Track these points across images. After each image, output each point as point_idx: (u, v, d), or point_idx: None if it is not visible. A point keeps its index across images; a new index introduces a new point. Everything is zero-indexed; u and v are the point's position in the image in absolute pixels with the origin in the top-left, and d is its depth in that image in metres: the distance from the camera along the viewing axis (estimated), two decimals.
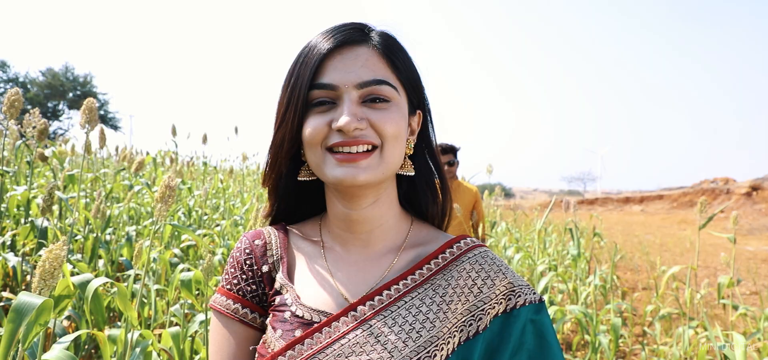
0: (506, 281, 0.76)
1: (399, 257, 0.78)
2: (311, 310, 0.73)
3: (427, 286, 0.74)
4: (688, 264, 3.08)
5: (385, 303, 0.72)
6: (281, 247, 0.81)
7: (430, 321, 0.71)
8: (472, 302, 0.74)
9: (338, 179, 0.70)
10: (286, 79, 0.74)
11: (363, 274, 0.77)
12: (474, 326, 0.72)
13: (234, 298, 0.79)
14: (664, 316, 3.24)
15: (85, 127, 2.08)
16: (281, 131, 0.73)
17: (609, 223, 20.17)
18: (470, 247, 0.79)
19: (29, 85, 36.05)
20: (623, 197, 33.05)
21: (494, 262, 0.78)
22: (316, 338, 0.69)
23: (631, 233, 16.25)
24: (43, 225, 2.24)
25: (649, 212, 26.39)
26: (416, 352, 0.69)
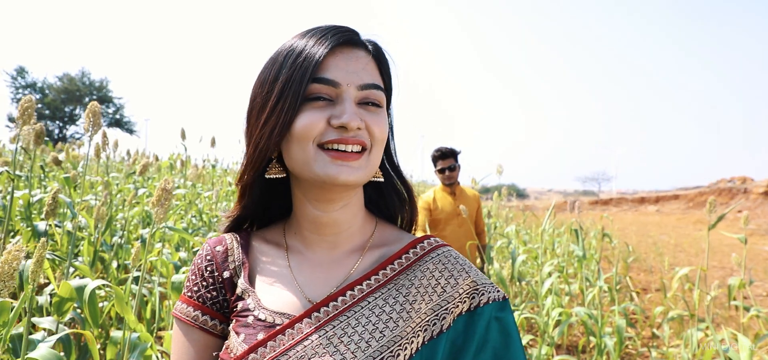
0: (470, 280, 0.76)
1: (363, 258, 0.78)
2: (274, 313, 0.73)
3: (390, 286, 0.74)
4: (693, 264, 3.03)
5: (348, 303, 0.72)
6: (243, 252, 0.81)
7: (393, 321, 0.71)
8: (436, 301, 0.74)
9: (331, 177, 0.68)
10: (275, 71, 0.71)
11: (327, 276, 0.76)
12: (438, 325, 0.72)
13: (194, 306, 0.79)
14: (673, 318, 3.19)
15: (89, 131, 2.10)
16: (270, 124, 0.69)
17: (623, 223, 19.96)
18: (434, 247, 0.79)
19: (47, 90, 36.65)
20: (638, 197, 32.71)
21: (457, 261, 0.79)
22: (278, 340, 0.69)
23: (646, 234, 16.07)
24: (43, 228, 2.27)
25: (665, 212, 26.08)
26: (379, 351, 0.69)
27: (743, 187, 23.69)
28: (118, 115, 41.37)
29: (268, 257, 0.80)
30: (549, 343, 2.80)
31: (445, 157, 3.73)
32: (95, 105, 2.13)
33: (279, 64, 0.71)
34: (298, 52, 0.70)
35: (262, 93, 0.72)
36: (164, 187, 1.21)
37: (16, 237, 2.98)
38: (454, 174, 3.69)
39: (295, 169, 0.72)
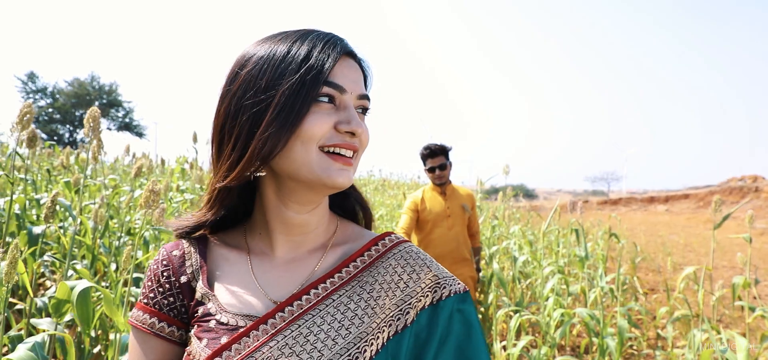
0: (431, 274, 0.78)
1: (325, 256, 0.78)
2: (237, 316, 0.72)
3: (354, 284, 0.75)
4: (703, 264, 2.99)
5: (312, 302, 0.72)
6: (200, 256, 0.80)
7: (358, 317, 0.72)
8: (399, 297, 0.75)
9: (333, 180, 0.70)
10: (276, 70, 0.69)
11: (290, 275, 0.76)
12: (402, 320, 0.73)
13: (150, 313, 0.77)
14: (678, 319, 3.16)
15: (88, 136, 2.11)
16: (278, 122, 0.67)
17: (632, 223, 19.82)
18: (395, 243, 0.81)
19: (57, 95, 37.03)
20: (648, 197, 32.47)
21: (418, 256, 0.80)
22: (243, 343, 0.68)
23: (655, 233, 15.95)
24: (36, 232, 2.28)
25: (675, 212, 25.87)
26: (346, 348, 0.69)
27: (754, 185, 23.45)
28: (128, 119, 41.72)
29: (227, 261, 0.79)
30: (551, 345, 2.79)
31: (434, 155, 3.49)
32: (95, 110, 2.14)
33: (279, 63, 0.69)
34: (305, 55, 0.69)
35: (258, 91, 0.69)
36: (152, 189, 1.21)
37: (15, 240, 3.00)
38: (444, 173, 3.47)
39: (289, 170, 0.70)
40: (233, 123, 0.70)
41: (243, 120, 0.69)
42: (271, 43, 0.72)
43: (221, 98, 0.73)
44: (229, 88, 0.72)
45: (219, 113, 0.73)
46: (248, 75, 0.70)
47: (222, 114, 0.72)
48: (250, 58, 0.72)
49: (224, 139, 0.72)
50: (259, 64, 0.70)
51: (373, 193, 9.57)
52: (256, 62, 0.71)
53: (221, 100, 0.73)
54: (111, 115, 40.66)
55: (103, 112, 39.54)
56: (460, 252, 3.42)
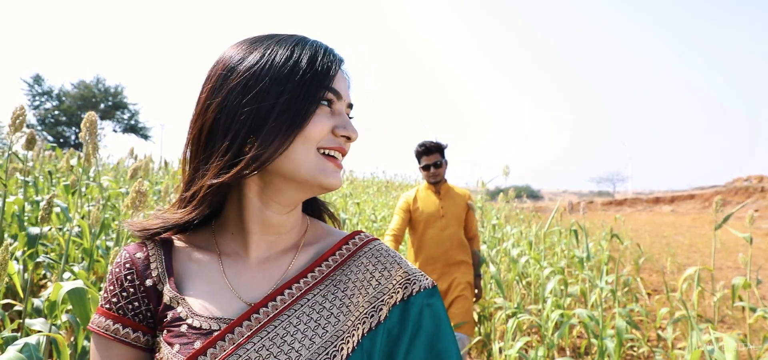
0: (402, 271, 0.80)
1: (298, 256, 0.79)
2: (210, 320, 0.70)
3: (327, 282, 0.76)
4: (704, 265, 2.97)
5: (287, 302, 0.72)
6: (166, 258, 0.77)
7: (334, 316, 0.73)
8: (372, 294, 0.77)
9: (329, 181, 0.72)
10: (291, 67, 0.70)
11: (263, 276, 0.76)
12: (375, 317, 0.75)
13: (114, 318, 0.74)
14: (678, 320, 3.15)
15: (85, 139, 2.12)
16: (286, 118, 0.69)
17: (637, 224, 19.73)
18: (366, 242, 0.83)
19: (63, 97, 37.22)
20: (653, 197, 32.35)
21: (389, 253, 0.83)
22: (219, 347, 0.67)
23: (660, 234, 15.86)
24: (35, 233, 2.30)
25: (680, 212, 25.75)
26: (324, 347, 0.70)
27: (760, 186, 23.31)
28: (133, 121, 41.89)
29: (196, 262, 0.77)
30: (549, 346, 2.77)
31: (429, 152, 3.32)
32: (92, 115, 2.15)
33: (283, 65, 0.70)
34: (310, 59, 0.71)
35: (261, 91, 0.69)
36: (138, 190, 1.21)
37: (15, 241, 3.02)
38: (439, 171, 3.31)
39: (286, 169, 0.71)
40: (229, 121, 0.69)
41: (241, 119, 0.69)
42: (265, 46, 0.72)
43: (209, 95, 0.72)
44: (220, 86, 0.71)
45: (207, 111, 0.72)
46: (248, 74, 0.70)
47: (213, 111, 0.71)
48: (244, 59, 0.71)
49: (217, 137, 0.70)
50: (259, 64, 0.70)
51: (375, 195, 9.56)
52: (254, 63, 0.71)
53: (210, 97, 0.71)
54: (117, 117, 40.85)
55: (109, 114, 39.80)
56: (454, 254, 3.27)
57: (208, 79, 0.74)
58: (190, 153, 0.75)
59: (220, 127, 0.70)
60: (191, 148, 0.75)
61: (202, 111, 0.72)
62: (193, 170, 0.74)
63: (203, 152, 0.72)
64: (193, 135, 0.74)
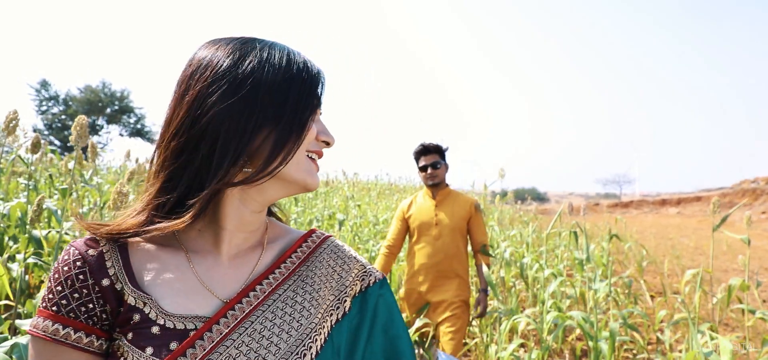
0: (359, 265, 0.86)
1: (264, 253, 0.80)
2: (184, 319, 0.69)
3: (295, 278, 0.79)
4: (713, 267, 2.95)
5: (260, 298, 0.74)
6: (122, 256, 0.72)
7: (306, 310, 0.76)
8: (336, 287, 0.81)
9: (314, 182, 0.77)
10: (290, 71, 0.73)
11: (235, 273, 0.75)
12: (341, 309, 0.80)
13: (63, 322, 0.67)
14: (677, 322, 3.12)
15: (76, 143, 2.12)
16: (294, 122, 0.72)
17: (643, 226, 19.62)
18: (323, 239, 0.87)
19: (69, 102, 37.41)
20: (659, 200, 32.20)
21: (345, 249, 0.88)
22: (198, 346, 0.66)
23: (665, 236, 15.76)
24: (37, 236, 2.30)
25: (686, 215, 25.58)
26: (300, 340, 0.73)
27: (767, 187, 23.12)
28: (139, 125, 42.04)
29: (160, 261, 0.73)
30: (545, 349, 2.76)
31: (427, 152, 3.12)
32: (82, 118, 2.15)
33: (283, 69, 0.72)
34: (304, 64, 0.75)
35: (264, 94, 0.70)
36: (119, 191, 1.21)
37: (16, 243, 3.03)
38: (437, 173, 3.08)
39: (282, 171, 0.73)
40: (232, 128, 0.69)
41: (245, 126, 0.69)
42: (257, 51, 0.72)
43: (200, 99, 0.69)
44: (218, 91, 0.69)
45: (199, 116, 0.69)
46: (251, 80, 0.70)
47: (209, 117, 0.68)
48: (238, 63, 0.70)
49: (219, 144, 0.69)
50: (260, 70, 0.70)
51: (377, 198, 9.54)
52: (254, 69, 0.70)
53: (201, 101, 0.69)
54: (123, 121, 40.98)
55: (115, 118, 39.93)
56: (448, 266, 3.03)
57: (194, 82, 0.71)
58: (172, 156, 0.71)
59: (221, 134, 0.69)
60: (176, 152, 0.70)
61: (192, 115, 0.69)
62: (181, 174, 0.71)
63: (198, 158, 0.70)
64: (181, 140, 0.70)
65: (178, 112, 0.71)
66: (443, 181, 3.14)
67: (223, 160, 0.69)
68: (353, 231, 5.45)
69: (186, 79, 0.72)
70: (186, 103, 0.70)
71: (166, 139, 0.71)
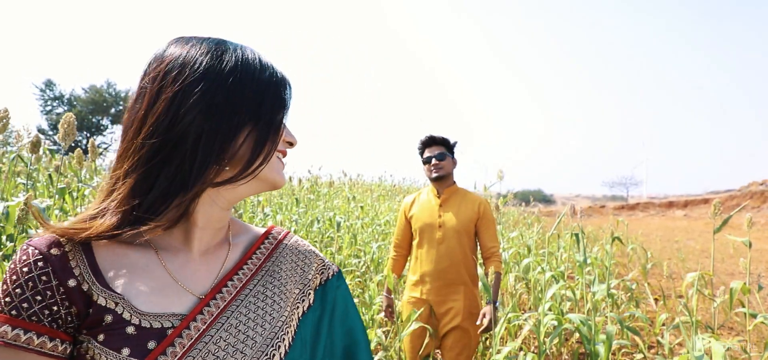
0: (318, 259, 0.90)
1: (232, 249, 0.82)
2: (160, 318, 0.67)
3: (262, 273, 0.81)
4: (721, 271, 2.89)
5: (232, 294, 0.75)
6: (87, 255, 0.69)
7: (276, 303, 0.79)
8: (300, 281, 0.85)
9: (282, 180, 0.80)
10: (266, 73, 0.74)
11: (206, 268, 0.76)
12: (306, 301, 0.84)
13: (24, 326, 0.63)
14: (678, 325, 3.07)
15: (63, 141, 2.11)
16: (274, 124, 0.74)
17: (649, 228, 19.50)
18: (284, 235, 0.90)
19: (74, 102, 37.60)
20: (666, 202, 32.02)
21: (305, 244, 0.91)
22: (177, 343, 0.66)
23: (671, 239, 15.65)
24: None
25: (693, 217, 25.41)
26: (274, 332, 0.76)
27: None
28: None
29: (128, 260, 0.71)
30: (542, 352, 2.72)
31: (432, 143, 2.82)
32: (70, 116, 2.14)
33: (259, 71, 0.73)
34: (273, 70, 0.75)
35: (240, 95, 0.71)
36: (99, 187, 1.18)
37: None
38: (442, 165, 2.76)
39: (258, 172, 0.75)
40: (215, 128, 0.69)
41: (222, 121, 0.69)
42: (231, 51, 0.73)
43: (176, 99, 0.68)
44: (188, 88, 0.68)
45: (176, 118, 0.68)
46: (224, 76, 0.70)
47: (186, 114, 0.67)
48: (216, 63, 0.70)
49: (200, 145, 0.68)
50: (239, 68, 0.71)
51: (379, 199, 9.50)
52: (229, 65, 0.71)
53: (178, 100, 0.68)
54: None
55: (120, 118, 39.90)
56: (454, 274, 2.70)
57: (170, 81, 0.69)
58: (148, 156, 0.68)
59: (204, 134, 0.68)
60: (152, 152, 0.68)
61: (171, 115, 0.68)
62: (157, 175, 0.69)
63: (177, 158, 0.68)
64: (158, 140, 0.68)
65: (155, 111, 0.68)
66: (449, 177, 2.83)
67: (207, 160, 0.69)
68: (351, 232, 5.43)
69: (160, 76, 0.70)
70: (164, 102, 0.68)
71: (139, 138, 0.69)
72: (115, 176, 0.71)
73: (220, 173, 0.72)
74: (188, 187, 0.69)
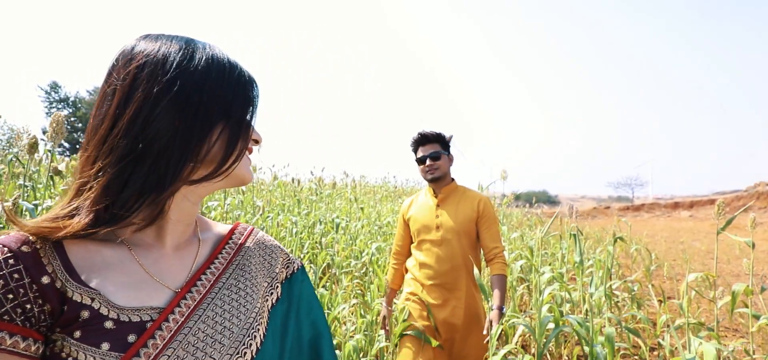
0: (283, 254, 0.94)
1: (202, 244, 0.83)
2: (139, 312, 0.68)
3: (233, 267, 0.84)
4: (725, 272, 2.86)
5: (207, 287, 0.78)
6: (58, 252, 0.68)
7: (249, 295, 0.82)
8: (268, 274, 0.88)
9: (250, 177, 0.81)
10: (235, 73, 0.76)
11: (180, 262, 0.78)
12: (274, 294, 0.88)
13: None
14: (679, 327, 3.03)
15: (52, 140, 2.09)
16: (243, 121, 0.76)
17: (654, 229, 19.37)
18: (250, 231, 0.93)
19: (79, 104, 37.79)
20: (672, 203, 31.84)
21: (271, 240, 0.94)
22: (158, 336, 0.68)
23: (677, 240, 15.53)
24: None
25: (699, 218, 25.25)
26: (248, 324, 0.78)
27: None
28: None
29: (101, 256, 0.70)
30: (539, 354, 2.68)
31: (425, 142, 2.65)
32: (59, 115, 2.13)
33: (230, 71, 0.74)
34: (240, 69, 0.77)
35: (215, 94, 0.72)
36: None
37: None
38: (437, 165, 2.61)
39: (228, 170, 0.77)
40: (191, 126, 0.70)
41: (197, 119, 0.70)
42: (198, 48, 0.73)
43: (150, 97, 0.68)
44: (163, 86, 0.68)
45: (151, 112, 0.68)
46: (198, 75, 0.71)
47: (161, 113, 0.68)
48: (190, 60, 0.71)
49: (179, 139, 0.70)
50: (211, 66, 0.72)
51: (381, 202, 9.47)
52: (201, 64, 0.72)
53: (153, 99, 0.68)
54: None
55: None
56: (455, 278, 2.55)
57: (143, 78, 0.69)
58: (120, 154, 0.68)
59: (180, 132, 0.69)
60: (125, 151, 0.68)
61: (145, 113, 0.68)
62: (131, 173, 0.68)
63: (152, 156, 0.68)
64: (132, 138, 0.68)
65: (128, 109, 0.68)
66: (446, 176, 2.67)
67: (183, 158, 0.70)
68: (349, 234, 5.40)
69: (132, 74, 0.69)
70: (137, 100, 0.68)
71: (111, 136, 0.68)
72: (87, 175, 0.70)
73: (195, 171, 0.73)
74: (165, 185, 0.70)
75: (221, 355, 0.73)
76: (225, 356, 0.73)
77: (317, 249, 5.09)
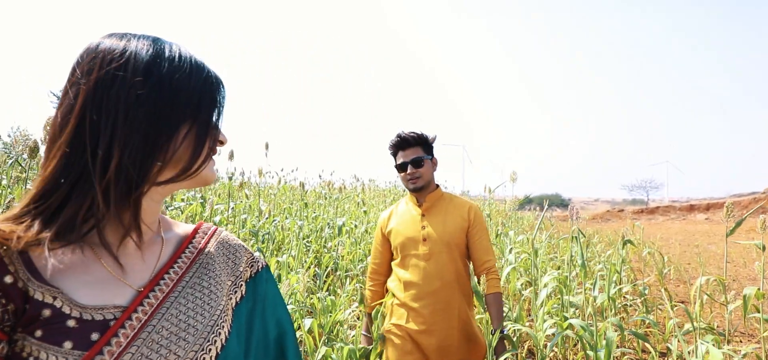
0: (247, 253, 0.94)
1: (165, 243, 0.83)
2: (102, 310, 0.68)
3: (197, 266, 0.83)
4: (742, 276, 2.78)
5: (170, 285, 0.77)
6: (19, 251, 0.66)
7: (213, 293, 0.82)
8: (231, 273, 0.89)
9: (214, 177, 0.81)
10: (204, 72, 0.76)
11: (143, 262, 0.77)
12: (238, 293, 0.88)
13: None
14: (688, 331, 2.95)
15: (44, 142, 2.09)
16: (210, 121, 0.76)
17: (669, 232, 19.08)
18: (214, 230, 0.93)
19: None
20: (687, 205, 31.40)
21: (234, 239, 0.95)
22: (121, 334, 0.67)
23: (691, 243, 15.30)
24: None
25: (715, 221, 24.85)
26: (213, 321, 0.78)
27: None
28: None
29: (63, 256, 0.69)
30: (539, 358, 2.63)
31: (405, 146, 2.32)
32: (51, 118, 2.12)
33: (198, 70, 0.74)
34: (208, 69, 0.76)
35: (181, 92, 0.71)
36: None
37: None
38: (419, 173, 2.29)
39: (194, 171, 0.77)
40: (158, 126, 0.70)
41: (163, 119, 0.70)
42: (164, 46, 0.72)
43: (118, 97, 0.67)
44: (132, 86, 0.67)
45: (120, 113, 0.67)
46: (167, 74, 0.70)
47: (130, 112, 0.67)
48: (158, 58, 0.70)
49: (149, 139, 0.69)
50: (179, 66, 0.72)
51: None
52: (169, 64, 0.71)
53: (121, 99, 0.67)
54: None
55: None
56: (447, 297, 2.23)
57: (109, 77, 0.67)
58: (86, 157, 0.66)
59: (149, 133, 0.69)
60: (90, 152, 0.66)
61: (114, 113, 0.67)
62: (99, 175, 0.67)
63: (120, 157, 0.67)
64: (98, 139, 0.66)
65: (95, 108, 0.67)
66: (430, 183, 2.37)
67: (150, 159, 0.69)
68: (353, 236, 5.37)
69: (95, 73, 0.68)
70: (104, 99, 0.67)
71: (77, 137, 0.67)
72: (51, 177, 0.67)
73: (162, 172, 0.73)
74: (132, 187, 0.69)
75: (186, 353, 0.73)
76: (189, 353, 0.73)
77: (323, 253, 5.07)
